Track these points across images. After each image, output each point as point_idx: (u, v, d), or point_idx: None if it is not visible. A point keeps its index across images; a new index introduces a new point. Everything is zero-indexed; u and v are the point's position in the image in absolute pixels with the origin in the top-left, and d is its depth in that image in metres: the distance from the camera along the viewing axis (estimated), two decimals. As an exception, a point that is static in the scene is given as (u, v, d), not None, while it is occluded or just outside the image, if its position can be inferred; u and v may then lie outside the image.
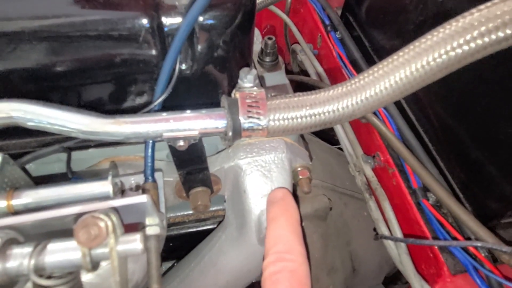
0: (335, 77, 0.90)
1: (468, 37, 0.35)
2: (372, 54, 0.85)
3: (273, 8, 1.07)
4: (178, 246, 0.73)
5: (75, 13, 0.39)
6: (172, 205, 0.64)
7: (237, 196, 0.59)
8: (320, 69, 0.94)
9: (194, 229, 0.73)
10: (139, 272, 0.49)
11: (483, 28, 0.35)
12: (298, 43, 1.05)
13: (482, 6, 0.36)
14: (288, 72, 1.09)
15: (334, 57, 0.89)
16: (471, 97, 0.58)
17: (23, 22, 0.38)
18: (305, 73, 1.05)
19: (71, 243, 0.32)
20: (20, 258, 0.30)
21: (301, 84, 0.94)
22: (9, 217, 0.33)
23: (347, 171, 0.88)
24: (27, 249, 0.31)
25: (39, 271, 0.31)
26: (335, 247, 0.91)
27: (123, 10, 0.40)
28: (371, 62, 0.84)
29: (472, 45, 0.36)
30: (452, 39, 0.36)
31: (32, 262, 0.30)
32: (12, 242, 0.32)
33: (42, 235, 0.37)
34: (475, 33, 0.35)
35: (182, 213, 0.71)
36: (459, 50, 0.36)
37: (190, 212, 0.71)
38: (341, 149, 0.91)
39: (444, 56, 0.37)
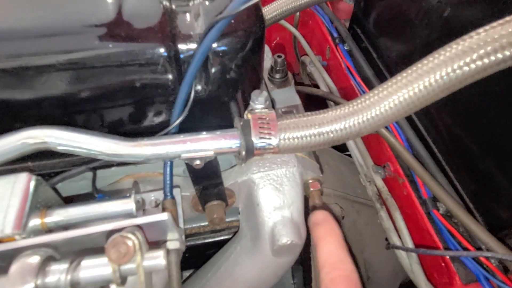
0: (344, 88, 0.92)
1: (467, 59, 0.37)
2: (380, 66, 0.87)
3: (282, 21, 1.10)
4: (194, 256, 0.76)
5: (99, 46, 0.43)
6: (188, 218, 0.66)
7: (250, 209, 0.61)
8: (329, 81, 0.96)
9: (210, 240, 0.76)
10: (160, 284, 0.52)
11: (482, 51, 0.36)
12: (307, 55, 1.08)
13: (480, 30, 0.37)
14: (298, 83, 1.11)
15: (343, 68, 0.91)
16: (479, 109, 0.59)
17: (54, 56, 0.42)
18: (314, 84, 1.07)
19: (102, 260, 0.35)
20: (58, 274, 0.34)
21: (311, 96, 0.96)
22: (45, 235, 0.36)
23: (358, 179, 0.89)
24: (63, 266, 0.34)
25: (74, 285, 0.34)
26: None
27: (143, 41, 0.43)
28: (378, 73, 0.86)
29: (473, 66, 0.37)
30: (452, 62, 0.38)
31: (69, 277, 0.33)
32: (50, 259, 0.35)
33: (71, 251, 0.40)
34: (475, 55, 0.37)
35: (198, 225, 0.74)
36: (459, 72, 0.38)
37: (206, 223, 0.74)
38: (350, 155, 0.93)
39: (445, 77, 0.38)
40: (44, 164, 0.51)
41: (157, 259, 0.36)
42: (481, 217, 0.61)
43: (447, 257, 0.60)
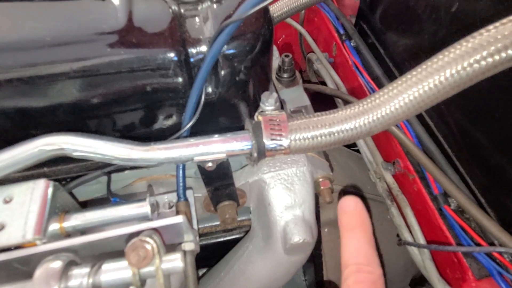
0: (352, 85, 0.92)
1: (478, 57, 0.37)
2: (388, 61, 0.86)
3: (287, 19, 1.09)
4: (207, 255, 0.77)
5: (111, 53, 0.43)
6: (200, 218, 0.67)
7: (262, 209, 0.62)
8: (336, 78, 0.96)
9: (222, 239, 0.77)
10: (175, 283, 0.53)
11: (492, 48, 0.36)
12: (313, 52, 1.08)
13: (490, 27, 0.37)
14: (305, 81, 1.11)
15: (350, 65, 0.91)
16: (489, 103, 0.59)
17: (67, 64, 0.43)
18: (321, 80, 1.07)
19: (122, 263, 0.36)
20: (80, 278, 0.35)
21: (318, 93, 0.96)
22: (66, 240, 0.37)
23: (367, 175, 0.89)
24: (85, 270, 0.35)
25: (96, 289, 0.35)
26: (359, 252, 0.92)
27: (154, 47, 0.44)
28: (386, 69, 0.86)
29: (483, 63, 0.37)
30: (462, 59, 0.38)
31: (90, 281, 0.34)
32: (71, 263, 0.36)
33: (89, 255, 0.42)
34: (485, 53, 0.37)
35: (210, 224, 0.75)
36: (469, 69, 0.38)
37: (218, 223, 0.75)
38: (358, 151, 0.93)
39: (455, 75, 0.38)
40: (59, 170, 0.52)
41: (174, 261, 0.37)
42: (493, 212, 0.61)
43: (460, 252, 0.60)
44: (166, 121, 0.52)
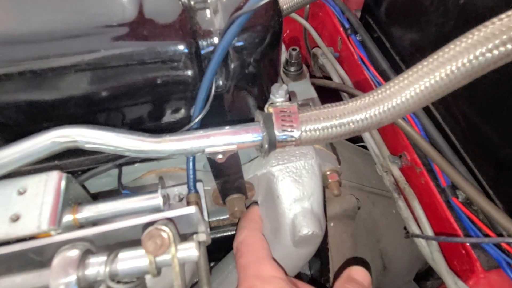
0: (358, 79, 0.92)
1: (490, 45, 0.37)
2: (394, 55, 0.86)
3: (292, 14, 1.09)
4: (215, 249, 0.77)
5: (122, 46, 0.44)
6: (209, 211, 0.68)
7: (270, 201, 0.62)
8: (342, 72, 0.96)
9: (230, 233, 0.77)
10: (186, 274, 0.53)
11: (504, 37, 0.36)
12: (318, 46, 1.08)
13: (503, 15, 0.37)
14: (310, 75, 1.11)
15: (356, 59, 0.90)
16: (497, 95, 0.58)
17: (78, 57, 0.43)
18: (326, 75, 1.07)
19: (138, 252, 0.36)
20: (97, 266, 0.35)
21: (323, 88, 0.96)
22: (82, 230, 0.37)
23: (373, 170, 0.89)
24: (101, 258, 0.36)
25: (113, 277, 0.35)
26: (365, 246, 0.92)
27: (164, 39, 0.44)
28: (392, 63, 0.85)
29: (495, 52, 0.37)
30: (474, 48, 0.38)
31: (107, 269, 0.35)
32: (88, 252, 0.37)
33: (104, 245, 0.42)
34: (497, 41, 0.37)
35: (217, 218, 0.75)
36: (482, 58, 0.38)
37: (225, 217, 0.75)
38: (364, 147, 0.93)
39: (467, 65, 0.38)
40: (70, 162, 0.53)
41: (190, 250, 0.37)
42: (501, 204, 0.61)
43: (468, 244, 0.60)
44: (176, 114, 0.52)
